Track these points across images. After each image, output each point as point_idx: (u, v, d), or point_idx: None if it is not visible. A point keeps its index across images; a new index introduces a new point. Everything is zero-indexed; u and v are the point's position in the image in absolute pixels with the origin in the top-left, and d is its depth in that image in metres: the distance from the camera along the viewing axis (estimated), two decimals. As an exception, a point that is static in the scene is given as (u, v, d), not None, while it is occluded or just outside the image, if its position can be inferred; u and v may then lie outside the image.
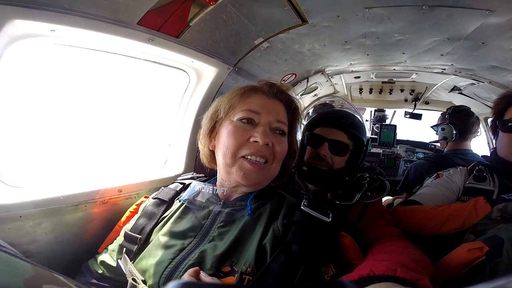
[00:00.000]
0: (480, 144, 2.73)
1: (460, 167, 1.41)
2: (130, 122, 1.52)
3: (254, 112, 0.88)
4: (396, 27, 1.50)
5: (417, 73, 2.35)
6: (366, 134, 1.36)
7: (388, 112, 3.64)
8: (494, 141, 1.34)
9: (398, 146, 3.58)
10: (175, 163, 1.63)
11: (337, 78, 2.71)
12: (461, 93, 2.47)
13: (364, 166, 1.44)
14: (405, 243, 0.94)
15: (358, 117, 1.41)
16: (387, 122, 3.63)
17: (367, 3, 1.28)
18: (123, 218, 1.04)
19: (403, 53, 1.88)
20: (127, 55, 1.25)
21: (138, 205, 1.04)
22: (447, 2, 1.16)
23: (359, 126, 1.32)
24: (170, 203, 0.96)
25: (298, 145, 1.07)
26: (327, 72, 2.45)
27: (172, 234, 0.84)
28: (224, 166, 0.88)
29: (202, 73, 1.59)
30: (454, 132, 2.10)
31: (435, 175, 1.45)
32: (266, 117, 0.88)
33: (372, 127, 3.71)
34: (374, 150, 3.57)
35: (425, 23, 1.39)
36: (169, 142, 1.64)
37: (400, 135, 3.60)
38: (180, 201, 0.95)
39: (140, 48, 1.23)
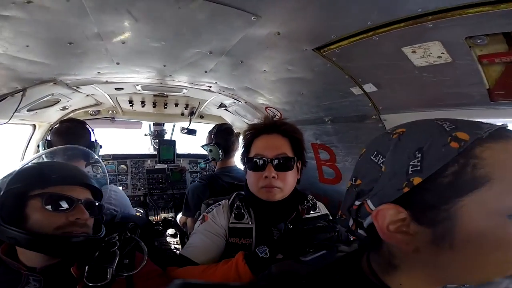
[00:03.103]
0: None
1: (224, 202, 1.37)
2: None
3: None
4: (145, 28, 1.06)
5: (187, 89, 2.16)
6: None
7: (168, 126, 3.38)
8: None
9: (182, 159, 3.48)
10: None
11: (90, 88, 1.94)
12: (227, 110, 2.64)
13: (115, 221, 1.30)
14: None
15: None
16: (167, 137, 3.37)
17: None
18: None
19: (164, 66, 1.53)
20: None
21: None
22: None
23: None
24: None
25: None
26: (66, 82, 1.62)
27: None
28: None
29: None
30: (220, 152, 2.12)
31: (201, 217, 1.36)
32: None
33: (152, 142, 3.35)
34: (158, 166, 3.29)
35: (184, 27, 1.06)
36: None
37: (182, 148, 3.50)
38: None
39: None
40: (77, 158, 1.60)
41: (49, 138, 1.82)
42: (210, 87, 2.00)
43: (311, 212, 1.33)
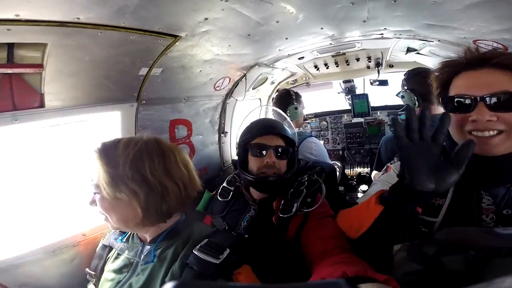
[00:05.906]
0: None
1: None
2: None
3: None
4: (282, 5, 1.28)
5: (359, 42, 2.05)
6: (295, 136, 1.48)
7: (359, 81, 3.33)
8: None
9: (379, 112, 3.35)
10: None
11: (281, 63, 2.48)
12: (418, 53, 2.15)
13: (307, 165, 1.43)
14: (350, 255, 0.93)
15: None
16: (358, 91, 3.35)
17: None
18: None
19: (322, 28, 1.62)
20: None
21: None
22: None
23: (289, 130, 1.36)
24: (112, 246, 1.08)
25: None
26: (264, 63, 2.22)
27: (113, 271, 0.97)
28: None
29: (106, 121, 1.47)
30: (412, 98, 1.83)
31: (384, 168, 1.36)
32: None
33: (346, 98, 3.44)
34: (355, 120, 3.41)
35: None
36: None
37: (377, 101, 3.35)
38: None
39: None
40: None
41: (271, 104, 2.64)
42: (382, 34, 1.78)
43: None
